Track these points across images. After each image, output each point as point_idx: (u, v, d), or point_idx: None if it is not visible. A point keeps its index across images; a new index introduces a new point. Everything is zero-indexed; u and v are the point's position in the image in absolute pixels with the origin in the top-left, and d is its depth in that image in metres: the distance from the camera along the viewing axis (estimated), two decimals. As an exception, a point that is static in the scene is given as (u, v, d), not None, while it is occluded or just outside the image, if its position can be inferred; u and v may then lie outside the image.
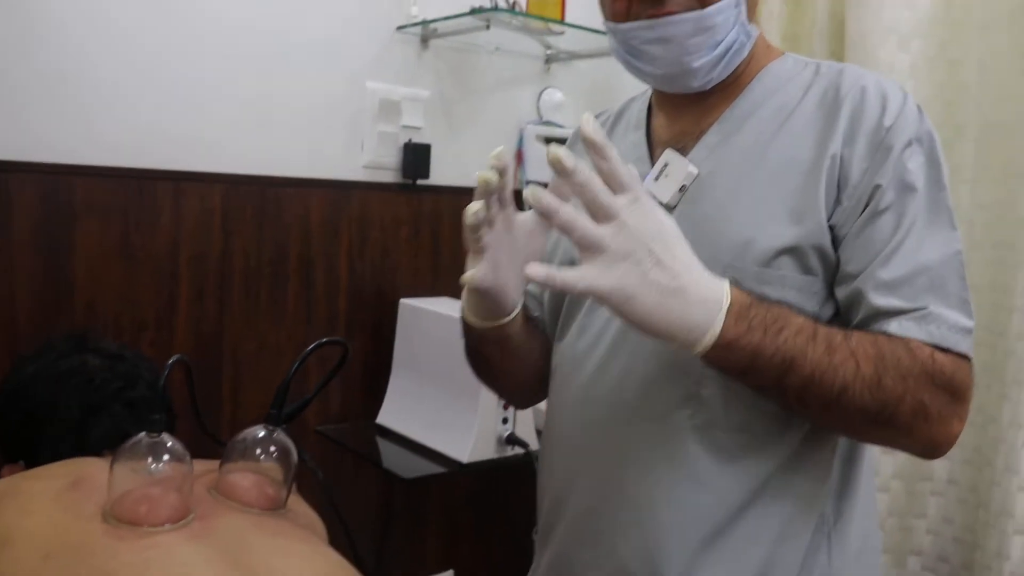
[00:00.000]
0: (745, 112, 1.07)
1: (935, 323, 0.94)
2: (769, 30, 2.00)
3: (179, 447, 1.08)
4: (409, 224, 2.21)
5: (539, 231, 1.01)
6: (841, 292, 1.00)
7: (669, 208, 1.06)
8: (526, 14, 2.07)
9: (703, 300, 0.85)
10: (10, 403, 1.36)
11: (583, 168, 0.79)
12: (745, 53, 1.06)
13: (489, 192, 0.93)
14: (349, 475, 2.20)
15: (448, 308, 2.08)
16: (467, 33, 2.19)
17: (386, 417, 2.16)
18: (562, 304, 1.20)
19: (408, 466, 1.96)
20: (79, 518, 1.04)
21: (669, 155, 1.08)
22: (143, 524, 1.04)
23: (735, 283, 0.90)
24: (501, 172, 0.93)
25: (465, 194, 2.36)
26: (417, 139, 2.23)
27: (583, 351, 1.12)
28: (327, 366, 1.26)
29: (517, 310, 1.07)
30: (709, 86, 1.06)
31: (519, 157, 2.39)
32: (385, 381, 2.19)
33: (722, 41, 1.02)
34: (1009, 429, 1.66)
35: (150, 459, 1.05)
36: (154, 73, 1.88)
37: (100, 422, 1.31)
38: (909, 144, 0.98)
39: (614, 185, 0.81)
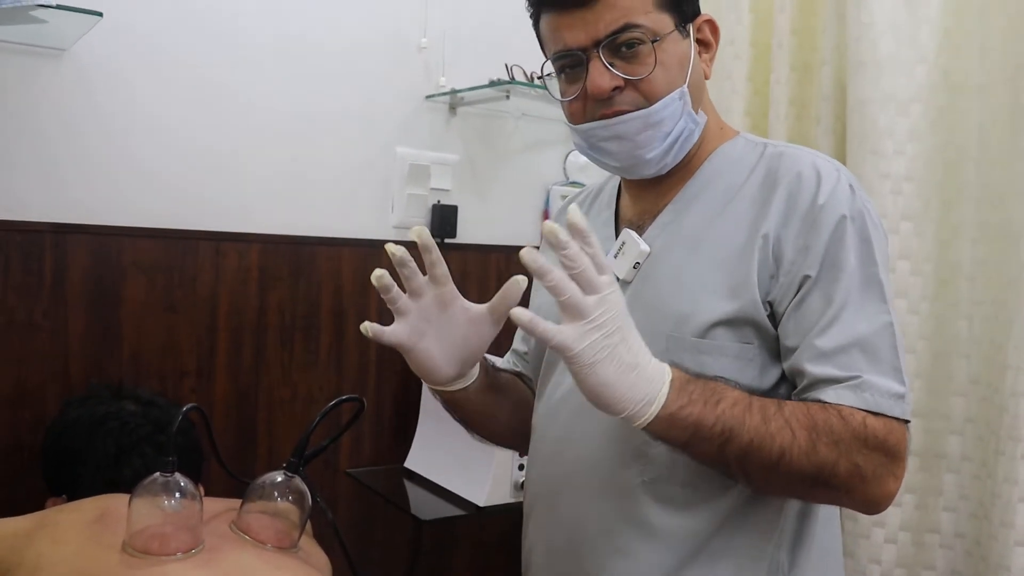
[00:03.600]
0: (695, 193, 1.16)
1: (868, 391, 1.00)
2: (778, 96, 2.07)
3: (190, 486, 1.21)
4: (437, 280, 2.32)
5: (485, 324, 1.09)
6: (786, 365, 1.07)
7: (625, 283, 1.15)
8: (543, 86, 2.19)
9: (650, 378, 0.93)
10: (55, 443, 1.52)
11: (576, 244, 0.88)
12: (695, 139, 1.14)
13: (399, 263, 1.04)
14: (379, 516, 2.32)
15: (471, 360, 2.18)
16: (493, 101, 2.33)
17: (413, 461, 2.28)
18: (542, 363, 1.29)
19: (429, 508, 2.07)
20: (101, 547, 1.18)
21: (626, 235, 1.17)
22: (156, 555, 1.16)
23: (675, 364, 0.98)
24: (426, 249, 1.05)
25: (492, 252, 2.47)
26: (445, 201, 2.37)
27: (555, 410, 1.21)
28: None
29: (464, 383, 1.16)
30: (663, 172, 1.15)
31: (545, 216, 2.51)
32: (414, 427, 2.31)
33: (671, 132, 1.10)
34: (1004, 484, 1.70)
35: (163, 496, 1.18)
36: (196, 144, 2.05)
37: (131, 462, 1.45)
38: (840, 223, 1.04)
39: (597, 266, 0.90)
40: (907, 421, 1.03)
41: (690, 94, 1.11)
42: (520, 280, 1.04)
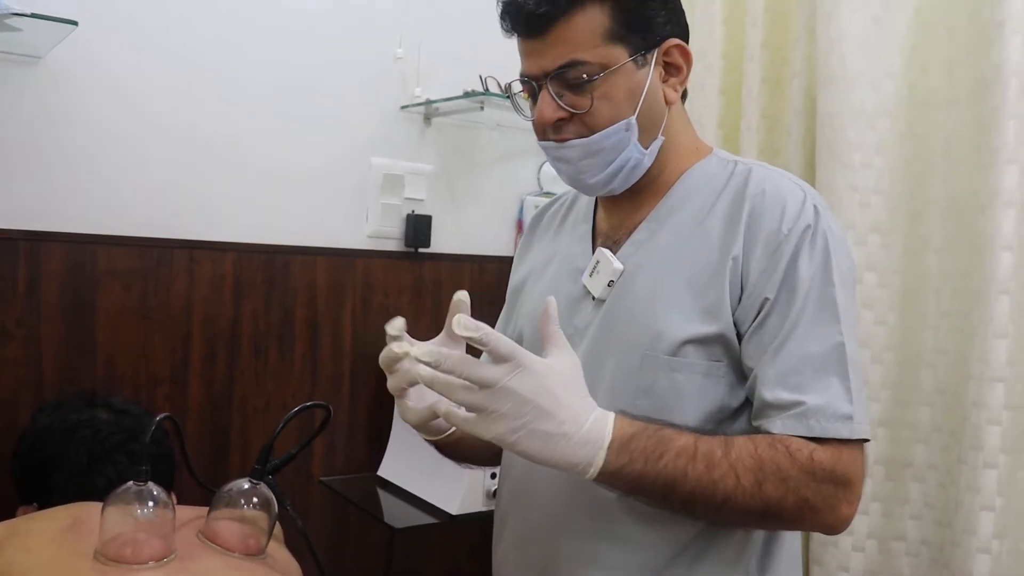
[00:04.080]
0: (668, 212, 1.17)
1: (814, 417, 1.02)
2: (749, 109, 2.10)
3: (163, 495, 1.20)
4: (411, 290, 2.35)
5: (455, 346, 1.10)
6: (747, 386, 1.09)
7: (600, 301, 1.17)
8: (510, 98, 2.21)
9: (586, 441, 0.95)
10: (26, 450, 1.51)
11: (451, 355, 0.90)
12: (644, 168, 1.16)
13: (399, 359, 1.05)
14: (353, 524, 2.32)
15: (445, 368, 2.19)
16: (468, 112, 2.34)
17: (387, 470, 2.29)
18: None
19: (402, 516, 2.07)
20: (73, 556, 1.17)
21: (600, 253, 1.19)
22: (128, 563, 1.16)
23: (624, 413, 1.00)
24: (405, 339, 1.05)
25: (465, 262, 2.48)
26: (419, 211, 2.38)
27: None
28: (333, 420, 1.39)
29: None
30: (615, 193, 1.18)
31: (519, 226, 2.53)
32: (387, 435, 2.31)
33: (614, 161, 1.13)
34: (966, 492, 1.72)
35: (136, 505, 1.18)
36: (170, 152, 2.05)
37: (104, 470, 1.44)
38: (800, 245, 1.06)
39: (496, 358, 0.92)
40: (862, 440, 1.04)
41: (643, 122, 1.13)
42: (461, 295, 1.07)
